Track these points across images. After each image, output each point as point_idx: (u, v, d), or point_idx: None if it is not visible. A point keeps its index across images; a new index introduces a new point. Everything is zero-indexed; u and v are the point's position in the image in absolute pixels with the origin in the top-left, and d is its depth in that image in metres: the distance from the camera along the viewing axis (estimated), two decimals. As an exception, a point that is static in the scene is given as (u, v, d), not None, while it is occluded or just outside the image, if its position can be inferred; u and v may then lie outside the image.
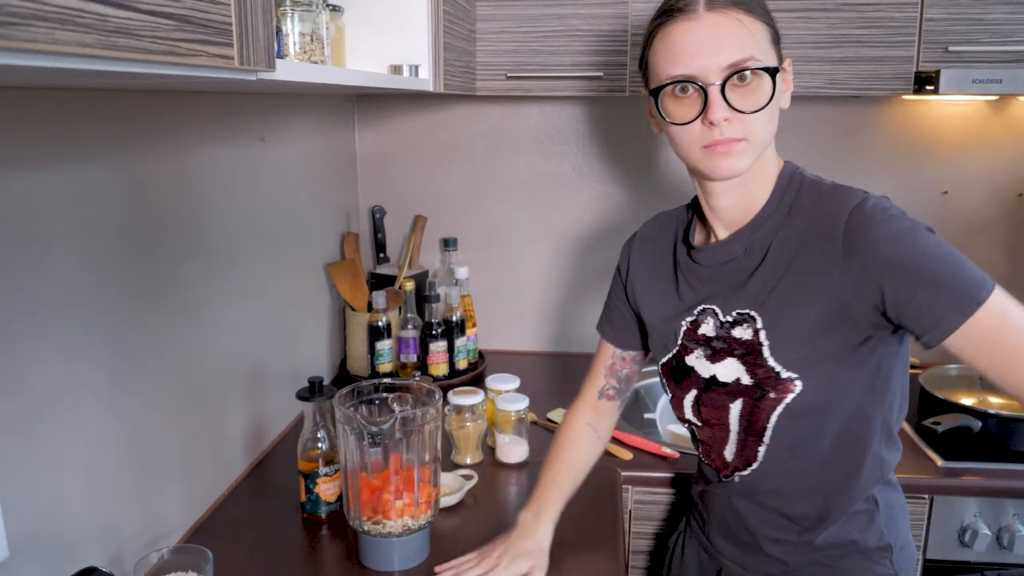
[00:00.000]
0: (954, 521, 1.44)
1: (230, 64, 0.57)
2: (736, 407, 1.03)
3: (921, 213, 1.90)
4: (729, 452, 1.08)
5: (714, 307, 1.05)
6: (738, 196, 1.02)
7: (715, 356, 1.05)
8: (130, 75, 0.53)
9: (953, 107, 1.89)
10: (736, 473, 1.09)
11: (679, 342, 1.10)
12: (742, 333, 1.01)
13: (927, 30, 1.57)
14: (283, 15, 0.99)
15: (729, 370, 1.03)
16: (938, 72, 1.51)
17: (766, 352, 0.99)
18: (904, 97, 1.87)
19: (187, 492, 1.26)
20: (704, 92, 0.93)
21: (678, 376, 1.11)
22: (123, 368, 1.08)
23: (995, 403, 1.53)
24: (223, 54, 0.56)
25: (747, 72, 0.92)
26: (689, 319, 1.08)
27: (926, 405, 1.60)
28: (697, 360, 1.07)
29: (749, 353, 1.01)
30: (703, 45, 0.93)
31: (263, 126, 1.49)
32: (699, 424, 1.10)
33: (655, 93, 0.98)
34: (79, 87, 0.94)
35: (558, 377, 1.95)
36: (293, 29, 1.01)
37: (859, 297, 0.92)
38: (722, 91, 0.92)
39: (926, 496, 1.42)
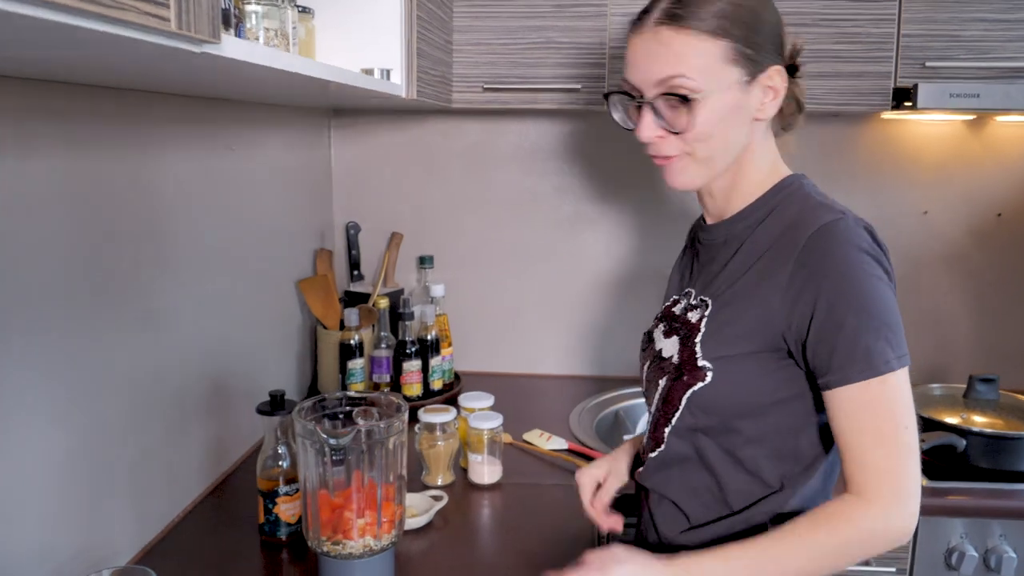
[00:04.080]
0: (940, 543, 1.40)
1: (166, 26, 0.53)
2: (662, 383, 1.03)
3: (903, 233, 1.92)
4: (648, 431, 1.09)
5: (693, 290, 1.07)
6: (720, 199, 1.04)
7: (668, 333, 1.07)
8: (43, 28, 0.48)
9: (931, 127, 1.88)
10: (648, 455, 1.07)
11: (657, 316, 1.14)
12: (693, 316, 1.03)
13: (904, 46, 1.57)
14: (246, 6, 0.95)
15: (670, 347, 1.04)
16: (916, 86, 1.50)
17: (697, 337, 0.99)
18: (883, 116, 1.86)
19: (138, 512, 1.19)
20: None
21: (644, 346, 1.14)
22: (71, 380, 1.02)
23: (979, 421, 1.50)
24: (157, 14, 0.52)
25: (679, 90, 0.91)
26: (674, 296, 1.12)
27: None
28: (657, 334, 1.10)
29: (687, 336, 1.01)
30: (639, 59, 0.94)
31: (233, 135, 1.45)
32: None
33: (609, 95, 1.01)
34: (26, 77, 0.90)
35: (535, 399, 1.90)
36: (258, 23, 0.98)
37: (791, 312, 0.91)
38: (653, 107, 0.93)
39: (911, 518, 1.38)
